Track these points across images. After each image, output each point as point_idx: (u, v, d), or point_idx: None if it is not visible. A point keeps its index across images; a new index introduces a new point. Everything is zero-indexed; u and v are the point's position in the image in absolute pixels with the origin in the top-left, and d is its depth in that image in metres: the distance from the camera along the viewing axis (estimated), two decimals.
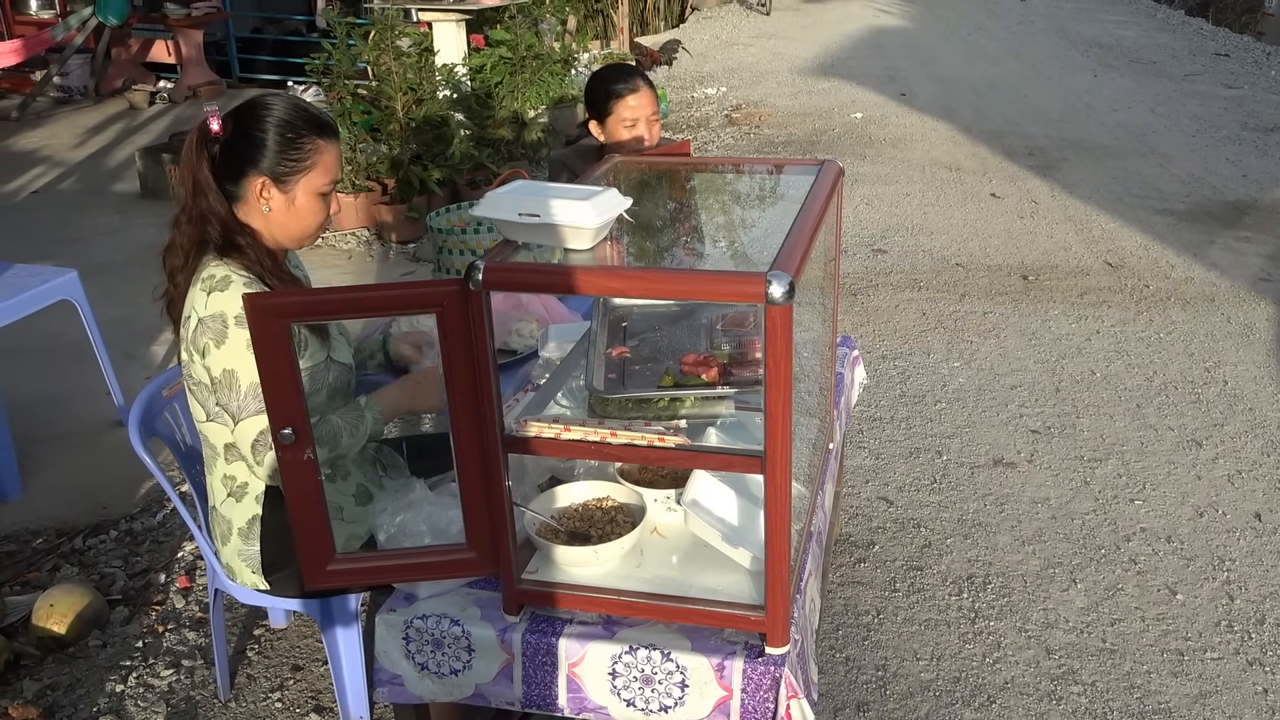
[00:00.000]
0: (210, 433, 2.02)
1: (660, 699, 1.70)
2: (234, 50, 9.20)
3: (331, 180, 2.00)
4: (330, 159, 1.99)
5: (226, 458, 2.03)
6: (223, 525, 2.10)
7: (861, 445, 3.58)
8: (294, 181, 1.95)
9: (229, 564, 2.11)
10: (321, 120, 1.99)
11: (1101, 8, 14.96)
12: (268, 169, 1.93)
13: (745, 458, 1.57)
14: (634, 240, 1.81)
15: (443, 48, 6.71)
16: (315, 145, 1.95)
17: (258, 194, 1.95)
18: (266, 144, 1.93)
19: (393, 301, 1.67)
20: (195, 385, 1.97)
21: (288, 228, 1.99)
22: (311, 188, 1.97)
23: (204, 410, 2.00)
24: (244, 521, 2.06)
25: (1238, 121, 8.24)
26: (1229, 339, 4.42)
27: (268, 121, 1.93)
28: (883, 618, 2.76)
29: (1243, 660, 2.62)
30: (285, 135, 1.93)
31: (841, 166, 2.06)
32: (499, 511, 1.66)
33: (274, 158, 1.93)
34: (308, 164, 1.95)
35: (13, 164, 6.83)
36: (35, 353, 4.05)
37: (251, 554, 2.07)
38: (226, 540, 2.09)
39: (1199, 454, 3.55)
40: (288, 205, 1.97)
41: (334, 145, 2.00)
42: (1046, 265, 5.24)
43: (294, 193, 1.96)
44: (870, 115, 8.34)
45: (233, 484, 2.05)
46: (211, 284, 1.90)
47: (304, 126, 1.94)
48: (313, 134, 1.95)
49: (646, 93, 2.97)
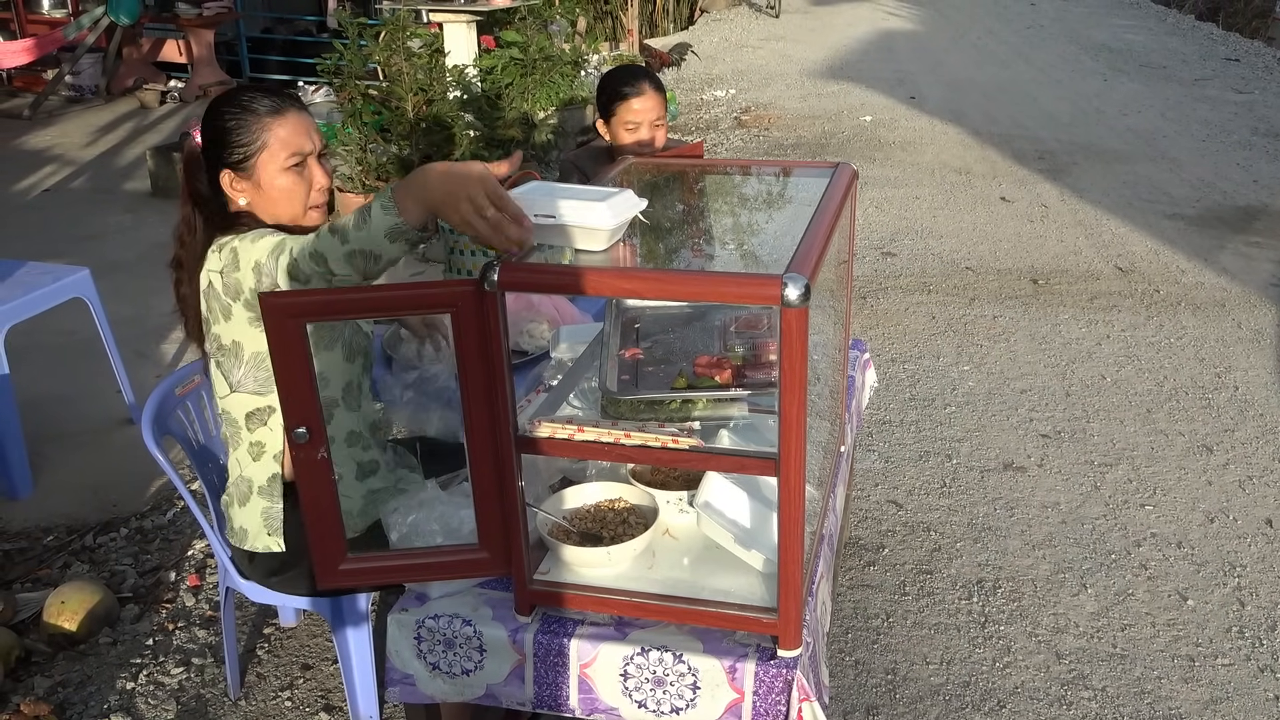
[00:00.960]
0: (233, 407, 2.02)
1: (672, 700, 1.70)
2: (244, 50, 9.22)
3: (294, 152, 1.95)
4: (284, 132, 1.95)
5: (249, 426, 2.03)
6: (243, 488, 2.08)
7: (871, 448, 3.58)
8: (252, 165, 1.95)
9: (242, 527, 2.09)
10: (268, 100, 1.96)
11: (1111, 12, 14.94)
12: (226, 161, 1.95)
13: (760, 460, 1.57)
14: (648, 242, 1.81)
15: (453, 49, 6.72)
16: (261, 123, 1.94)
17: (230, 188, 1.97)
18: (219, 139, 1.94)
19: (408, 301, 1.68)
20: (223, 355, 1.98)
21: (272, 212, 1.98)
22: (273, 165, 1.95)
23: (228, 384, 2.00)
24: (265, 479, 2.06)
25: (1248, 126, 8.22)
26: (1240, 344, 4.41)
27: (215, 116, 1.95)
28: (892, 621, 2.75)
29: (1254, 667, 2.61)
30: (227, 124, 1.93)
31: (856, 169, 2.06)
32: (512, 512, 1.66)
33: (228, 149, 1.94)
34: (257, 144, 1.94)
35: (25, 162, 6.86)
36: (47, 350, 4.06)
37: (274, 512, 2.06)
38: (246, 501, 2.07)
39: (1210, 459, 3.54)
40: (256, 189, 1.96)
41: (289, 118, 1.96)
42: (1056, 269, 5.23)
43: (257, 176, 1.95)
44: (879, 118, 8.33)
45: (258, 449, 2.05)
46: (220, 242, 1.92)
47: (241, 110, 1.94)
48: (262, 114, 1.94)
49: (652, 97, 2.94)
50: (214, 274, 1.92)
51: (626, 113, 2.93)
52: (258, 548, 2.09)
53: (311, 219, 2.02)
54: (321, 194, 2.02)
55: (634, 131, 2.93)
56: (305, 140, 1.98)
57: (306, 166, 1.99)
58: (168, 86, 8.58)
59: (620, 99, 2.93)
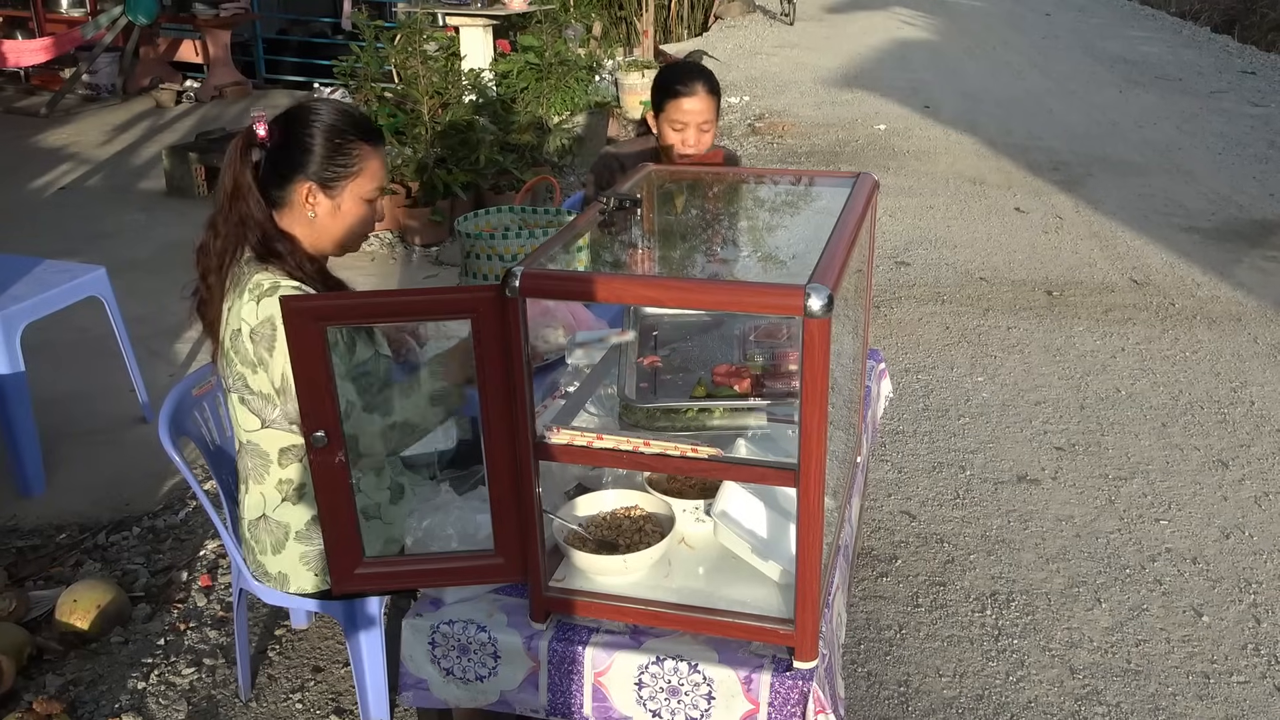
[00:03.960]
0: (264, 440, 2.00)
1: (686, 710, 1.69)
2: (260, 51, 9.26)
3: (377, 186, 2.01)
4: (376, 165, 1.99)
5: (281, 462, 2.02)
6: (276, 533, 2.05)
7: (884, 459, 3.57)
8: (340, 187, 1.96)
9: (281, 573, 2.06)
10: (369, 126, 2.00)
11: (1127, 24, 14.91)
12: (314, 174, 1.94)
13: (779, 470, 1.57)
14: (669, 250, 1.81)
15: (469, 52, 6.74)
16: (362, 151, 1.96)
17: (304, 199, 1.95)
18: (313, 149, 1.93)
19: (428, 307, 1.68)
20: (252, 395, 1.96)
21: (332, 233, 1.99)
22: (358, 193, 1.98)
23: (259, 419, 1.98)
24: (303, 523, 2.04)
25: (1265, 140, 8.18)
26: (1256, 359, 4.39)
27: (315, 127, 1.94)
28: (905, 633, 2.74)
29: (1269, 685, 2.59)
30: (333, 141, 1.94)
31: (877, 180, 2.05)
32: (528, 518, 1.66)
33: (321, 163, 1.94)
34: (355, 170, 1.96)
35: (41, 160, 6.89)
36: (62, 348, 4.07)
37: (316, 554, 2.04)
38: (281, 548, 2.05)
39: (1225, 474, 3.52)
40: (333, 211, 1.97)
41: (380, 151, 2.00)
42: (1071, 281, 5.21)
43: (340, 198, 1.97)
44: (894, 127, 8.32)
45: (289, 488, 2.03)
46: (260, 291, 1.89)
47: (352, 132, 1.95)
48: (360, 140, 1.96)
49: (704, 99, 2.87)
50: (246, 324, 1.90)
51: (675, 111, 2.87)
52: (305, 589, 2.07)
53: (357, 247, 2.07)
54: (374, 229, 2.08)
55: (680, 131, 2.88)
56: (385, 175, 2.03)
57: (377, 200, 2.03)
58: (184, 86, 8.62)
59: (672, 96, 2.88)
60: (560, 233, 1.80)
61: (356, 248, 2.07)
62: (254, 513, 2.07)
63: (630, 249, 2.05)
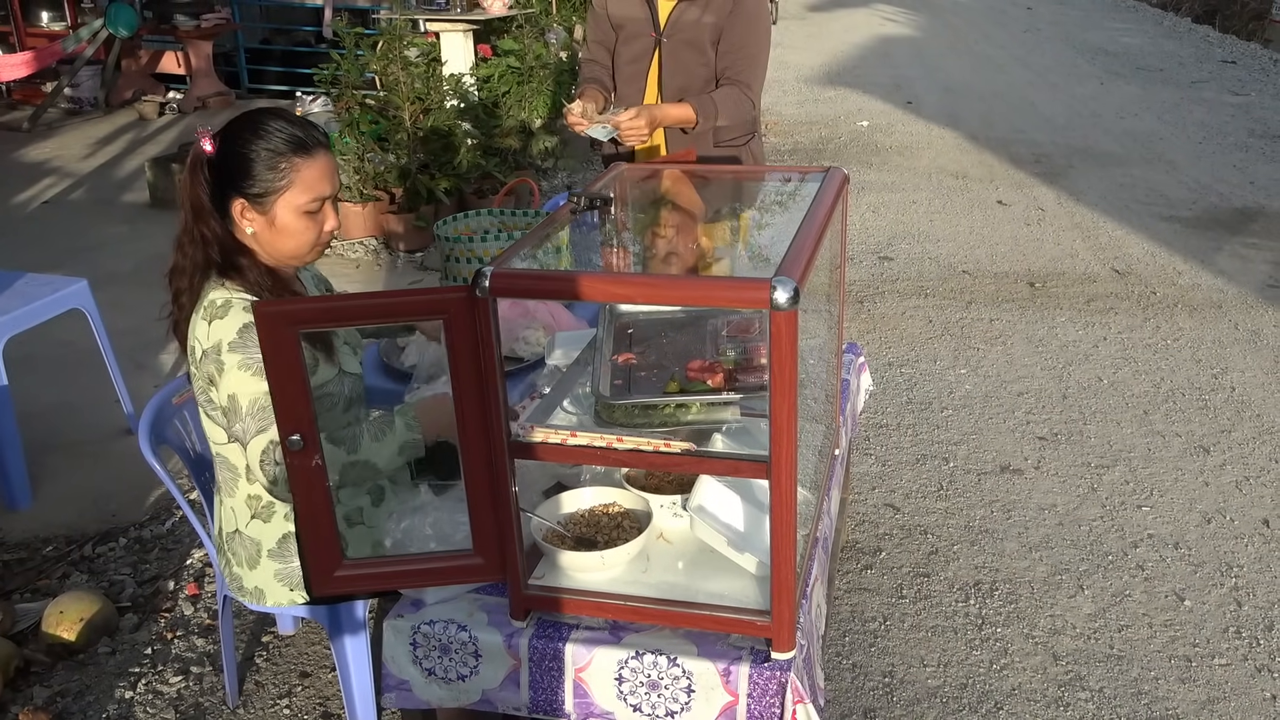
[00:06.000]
0: (231, 454, 2.01)
1: (666, 704, 1.71)
2: (243, 61, 9.25)
3: (315, 197, 1.93)
4: (312, 175, 1.91)
5: (248, 477, 2.02)
6: (249, 548, 2.05)
7: (868, 452, 3.58)
8: (269, 202, 1.90)
9: (258, 588, 2.07)
10: (300, 138, 1.91)
11: (1107, 15, 14.97)
12: (243, 190, 1.89)
13: (751, 463, 1.58)
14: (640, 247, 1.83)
15: (450, 58, 6.74)
16: (291, 164, 1.89)
17: (240, 215, 1.92)
18: (240, 165, 1.89)
19: (400, 309, 1.69)
20: (214, 410, 1.96)
21: (276, 247, 1.95)
22: (291, 207, 1.91)
23: (225, 434, 1.98)
24: (274, 541, 2.04)
25: (1245, 129, 8.23)
26: (1236, 345, 4.42)
27: (240, 141, 1.89)
28: (889, 624, 2.76)
29: (1251, 667, 2.61)
30: (259, 155, 1.88)
31: (846, 173, 2.07)
32: (506, 517, 1.67)
33: (248, 179, 1.89)
34: (283, 183, 1.89)
35: (24, 174, 6.88)
36: (46, 361, 4.07)
37: (290, 571, 2.04)
38: (255, 564, 2.05)
39: (1206, 460, 3.54)
40: (269, 226, 1.92)
41: (317, 161, 1.92)
42: (1053, 272, 5.24)
43: (273, 213, 1.91)
44: (876, 123, 8.35)
45: (258, 504, 2.03)
46: (212, 311, 1.88)
47: (281, 145, 1.89)
48: (289, 153, 1.89)
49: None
50: (199, 343, 1.90)
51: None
52: (281, 603, 2.07)
53: (311, 258, 2.01)
54: (328, 236, 2.00)
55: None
56: (327, 184, 1.95)
57: (322, 210, 1.96)
58: (166, 98, 8.60)
59: None
60: (531, 233, 1.81)
61: (313, 258, 2.01)
62: (229, 526, 2.08)
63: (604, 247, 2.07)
